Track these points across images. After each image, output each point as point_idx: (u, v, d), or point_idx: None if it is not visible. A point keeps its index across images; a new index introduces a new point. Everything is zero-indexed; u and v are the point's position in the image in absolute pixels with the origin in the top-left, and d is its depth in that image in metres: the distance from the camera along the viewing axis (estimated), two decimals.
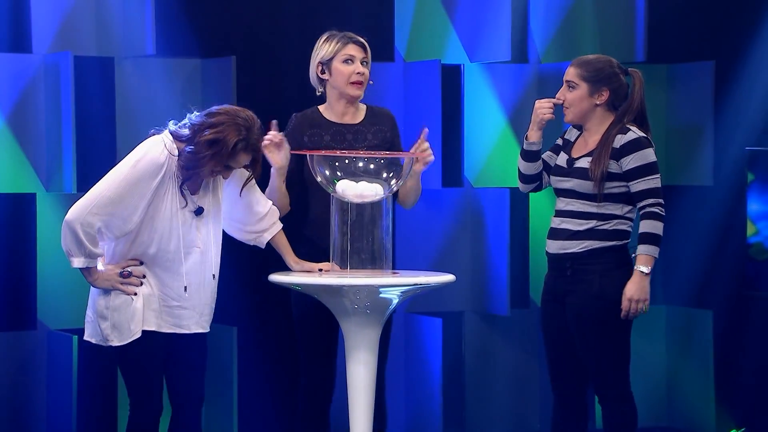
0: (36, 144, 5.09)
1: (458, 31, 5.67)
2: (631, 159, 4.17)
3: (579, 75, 4.25)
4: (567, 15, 5.71)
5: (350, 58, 4.24)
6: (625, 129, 4.21)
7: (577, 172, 4.23)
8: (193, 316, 3.94)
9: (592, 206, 4.21)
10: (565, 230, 4.24)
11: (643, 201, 4.18)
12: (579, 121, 4.28)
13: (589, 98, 4.23)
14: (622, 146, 4.18)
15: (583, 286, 4.18)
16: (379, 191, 4.01)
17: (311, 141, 4.25)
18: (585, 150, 4.26)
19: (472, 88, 5.62)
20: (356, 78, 4.24)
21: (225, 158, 3.82)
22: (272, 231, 4.12)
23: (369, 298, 4.00)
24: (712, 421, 5.74)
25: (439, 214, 5.62)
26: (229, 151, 3.81)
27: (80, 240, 3.82)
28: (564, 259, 4.22)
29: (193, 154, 3.81)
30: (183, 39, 5.27)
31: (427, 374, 5.48)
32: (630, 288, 4.16)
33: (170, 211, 3.87)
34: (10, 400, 5.14)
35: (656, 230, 4.17)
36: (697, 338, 5.80)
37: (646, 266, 4.17)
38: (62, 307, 5.12)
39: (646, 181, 4.17)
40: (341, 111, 4.31)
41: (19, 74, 5.05)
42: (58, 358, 5.05)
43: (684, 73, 5.78)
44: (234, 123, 3.82)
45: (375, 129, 4.33)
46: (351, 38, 4.27)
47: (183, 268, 3.90)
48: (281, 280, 4.06)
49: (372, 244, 4.03)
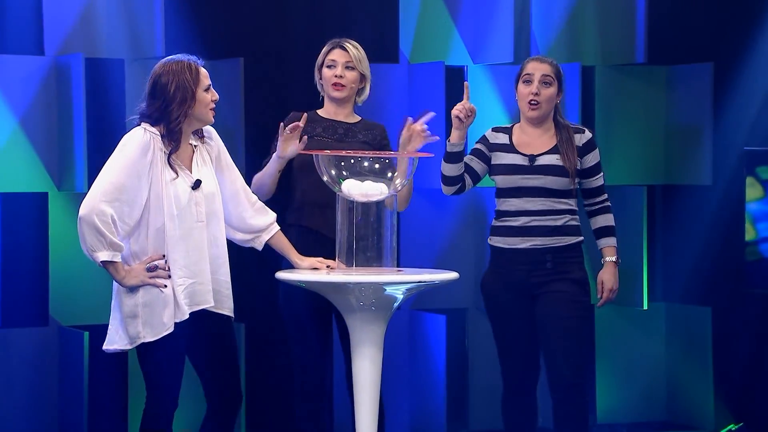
0: (48, 144, 5.15)
1: (462, 33, 5.72)
2: (591, 156, 4.42)
3: (553, 72, 4.41)
4: (568, 17, 5.74)
5: (332, 63, 4.42)
6: (579, 128, 4.44)
7: (547, 169, 4.35)
8: (209, 291, 3.96)
9: (560, 203, 4.35)
10: (542, 227, 4.35)
11: (601, 196, 4.48)
12: (543, 118, 4.41)
13: (556, 96, 4.43)
14: (583, 145, 4.41)
15: (567, 274, 4.33)
16: (384, 190, 4.07)
17: (305, 130, 4.35)
18: (544, 147, 4.39)
19: (476, 90, 5.64)
20: (335, 80, 4.40)
21: (190, 84, 3.89)
22: (270, 231, 4.18)
23: (374, 296, 4.03)
24: (711, 417, 5.77)
25: (443, 212, 5.66)
26: (188, 75, 3.90)
27: (100, 230, 3.83)
28: (543, 253, 4.34)
29: (163, 106, 3.88)
30: (191, 41, 5.31)
31: (431, 370, 5.51)
32: (608, 279, 4.41)
33: (169, 188, 3.91)
34: (22, 396, 5.18)
35: (613, 223, 4.49)
36: (696, 335, 5.83)
37: (617, 256, 4.43)
38: (74, 304, 5.16)
39: (601, 177, 4.47)
40: (333, 112, 4.47)
41: (32, 76, 5.10)
42: (70, 355, 5.09)
43: (683, 74, 5.82)
44: (170, 61, 3.94)
45: (366, 131, 4.48)
46: (337, 43, 4.45)
47: (188, 242, 3.93)
48: (289, 277, 4.11)
49: (377, 242, 4.08)
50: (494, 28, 5.59)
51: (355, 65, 4.42)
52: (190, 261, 3.94)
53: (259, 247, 4.19)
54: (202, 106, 3.94)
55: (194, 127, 4.00)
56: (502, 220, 4.41)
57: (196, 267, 3.95)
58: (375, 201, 4.07)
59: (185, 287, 3.92)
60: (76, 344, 5.02)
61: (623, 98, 5.81)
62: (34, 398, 5.21)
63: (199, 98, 3.93)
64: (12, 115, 5.10)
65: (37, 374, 5.21)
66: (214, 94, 3.99)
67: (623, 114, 5.82)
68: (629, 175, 5.82)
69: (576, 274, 4.36)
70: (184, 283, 3.93)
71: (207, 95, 3.95)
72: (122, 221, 3.88)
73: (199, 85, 3.93)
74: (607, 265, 4.43)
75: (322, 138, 4.39)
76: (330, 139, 4.39)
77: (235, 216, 4.14)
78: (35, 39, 5.18)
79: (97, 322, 5.14)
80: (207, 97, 3.95)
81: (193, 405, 4.40)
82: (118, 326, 3.97)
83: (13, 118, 5.10)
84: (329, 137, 4.40)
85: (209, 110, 3.97)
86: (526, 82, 4.39)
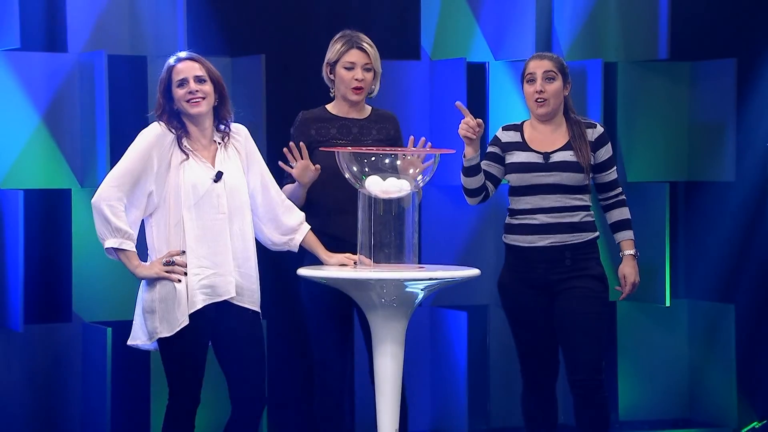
0: (71, 141, 5.18)
1: (483, 30, 5.72)
2: (603, 151, 4.40)
3: (556, 67, 4.38)
4: (591, 13, 5.73)
5: (351, 65, 4.35)
6: (591, 123, 4.42)
7: (561, 165, 4.33)
8: (230, 283, 3.98)
9: (576, 199, 4.34)
10: (560, 224, 4.33)
11: (616, 190, 4.45)
12: (552, 114, 4.39)
13: (563, 90, 4.40)
14: (596, 139, 4.39)
15: (586, 271, 4.32)
16: (404, 187, 4.07)
17: (318, 134, 4.35)
18: (557, 144, 4.37)
19: (497, 86, 5.66)
20: (355, 84, 4.35)
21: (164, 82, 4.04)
22: (303, 231, 4.20)
23: (396, 292, 4.04)
24: (734, 414, 5.76)
25: (464, 209, 5.65)
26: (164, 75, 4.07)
27: (106, 217, 3.92)
28: (562, 250, 4.33)
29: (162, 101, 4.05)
30: (213, 38, 5.33)
31: (453, 367, 5.51)
32: (630, 272, 4.41)
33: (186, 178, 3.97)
34: (45, 391, 5.22)
35: (629, 215, 4.47)
36: (720, 332, 5.81)
37: (635, 249, 4.43)
38: (97, 300, 5.19)
39: (615, 171, 4.44)
40: (345, 110, 4.43)
41: (55, 73, 5.13)
42: (93, 350, 5.12)
43: (707, 70, 5.80)
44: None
45: (379, 126, 4.44)
46: (355, 42, 4.36)
47: (207, 233, 3.96)
48: (311, 274, 4.12)
49: (398, 239, 4.08)
50: (516, 24, 5.58)
51: (372, 65, 4.38)
52: (210, 252, 3.97)
53: (294, 248, 4.23)
54: (179, 102, 4.05)
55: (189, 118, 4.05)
56: (517, 218, 4.40)
57: (216, 258, 3.97)
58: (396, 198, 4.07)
59: (203, 277, 3.95)
60: (99, 340, 5.05)
61: (646, 95, 5.80)
62: (57, 394, 5.24)
63: (174, 94, 4.05)
64: (35, 112, 5.13)
65: (60, 370, 5.24)
66: (189, 87, 4.04)
67: (646, 110, 5.80)
68: (652, 171, 5.81)
69: (595, 270, 4.35)
70: (202, 273, 3.95)
71: (179, 90, 4.05)
72: (134, 206, 3.95)
73: (172, 82, 4.05)
74: (626, 259, 4.43)
75: (338, 141, 4.37)
76: (345, 140, 4.37)
77: (269, 213, 4.16)
78: (59, 36, 5.21)
79: (120, 318, 5.18)
80: (179, 91, 4.05)
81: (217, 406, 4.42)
82: (140, 321, 4.02)
83: (36, 115, 5.14)
84: (344, 138, 4.38)
85: (184, 103, 4.05)
86: (530, 81, 4.38)
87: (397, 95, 5.36)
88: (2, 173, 5.08)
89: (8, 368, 5.16)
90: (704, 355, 5.90)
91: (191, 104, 4.03)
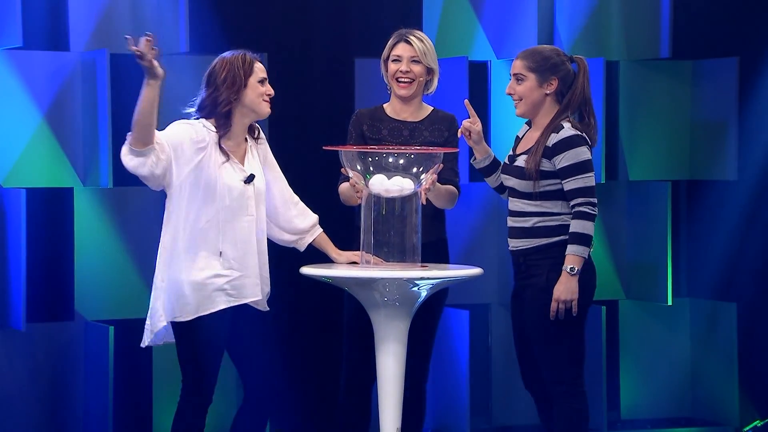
0: (73, 140, 5.18)
1: (485, 29, 5.72)
2: (562, 157, 4.10)
3: (526, 66, 4.19)
4: (593, 12, 5.73)
5: (398, 57, 4.35)
6: (558, 126, 4.13)
7: (515, 170, 4.21)
8: (255, 285, 4.02)
9: (529, 204, 4.17)
10: (515, 228, 4.22)
11: (574, 200, 4.10)
12: (530, 113, 4.22)
13: (538, 88, 4.17)
14: (554, 145, 4.11)
15: (533, 280, 4.15)
16: (406, 186, 4.06)
17: (370, 131, 4.35)
18: (525, 147, 4.23)
19: (499, 85, 5.64)
20: (399, 76, 4.34)
21: (240, 70, 3.98)
22: (314, 233, 4.22)
23: (398, 291, 4.05)
24: (736, 413, 5.76)
25: (466, 208, 5.66)
26: (239, 64, 3.99)
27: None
28: (518, 255, 4.21)
29: (214, 94, 3.99)
30: (215, 36, 5.33)
31: (455, 365, 5.51)
32: (557, 288, 4.08)
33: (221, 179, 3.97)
34: (47, 390, 5.22)
35: (585, 230, 4.09)
36: (721, 331, 5.81)
37: (573, 266, 4.08)
38: (99, 299, 5.20)
39: (576, 180, 4.09)
40: (399, 108, 4.41)
41: (57, 72, 5.14)
42: (95, 349, 5.12)
43: (709, 69, 5.80)
44: (227, 54, 4.06)
45: (432, 128, 4.41)
46: (403, 36, 4.36)
47: (237, 235, 3.98)
48: (313, 272, 4.13)
49: (401, 238, 4.09)
50: (518, 22, 5.59)
51: (420, 59, 4.35)
52: (238, 254, 3.99)
53: (301, 248, 4.25)
54: (254, 94, 4.02)
55: (248, 117, 4.05)
56: None
57: (244, 260, 4.00)
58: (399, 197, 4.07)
59: (231, 279, 3.97)
60: (102, 339, 5.06)
61: (648, 93, 5.80)
62: (60, 392, 5.25)
63: (250, 86, 4.01)
64: (38, 111, 5.14)
65: (63, 369, 5.24)
66: (269, 89, 4.06)
67: (648, 109, 5.80)
68: (654, 170, 5.81)
69: (541, 280, 4.13)
70: (231, 275, 3.97)
71: (260, 87, 4.03)
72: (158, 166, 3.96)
73: (252, 75, 4.02)
74: (561, 275, 4.10)
75: (387, 142, 4.36)
76: (394, 143, 4.35)
77: (282, 215, 4.19)
78: (61, 35, 5.22)
79: (122, 317, 5.19)
80: (260, 88, 4.03)
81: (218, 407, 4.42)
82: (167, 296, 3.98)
83: (38, 114, 5.14)
84: (394, 141, 4.36)
85: (261, 101, 4.03)
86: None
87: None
88: (5, 172, 5.09)
89: (11, 367, 5.17)
90: (706, 354, 5.91)
91: (267, 105, 4.05)
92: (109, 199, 5.24)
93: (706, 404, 5.91)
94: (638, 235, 5.65)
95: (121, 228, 5.25)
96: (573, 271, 4.08)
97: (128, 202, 5.26)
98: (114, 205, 5.25)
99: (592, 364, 4.42)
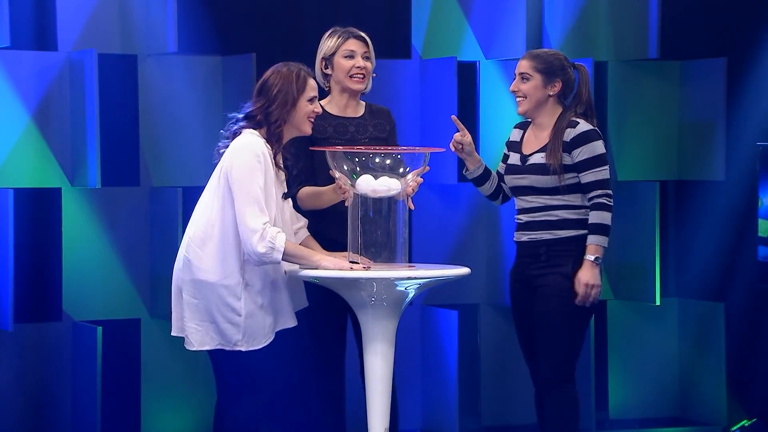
0: (61, 140, 5.17)
1: (474, 29, 5.72)
2: (580, 151, 4.28)
3: (533, 67, 4.34)
4: (581, 12, 5.74)
5: (351, 53, 4.35)
6: (573, 122, 4.31)
7: (533, 168, 4.32)
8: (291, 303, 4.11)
9: (554, 199, 4.30)
10: (535, 222, 4.32)
11: (592, 192, 4.29)
12: (532, 113, 4.36)
13: (543, 89, 4.33)
14: (572, 139, 4.29)
15: (557, 268, 4.28)
16: (392, 186, 4.06)
17: (317, 132, 4.32)
18: (537, 146, 4.35)
19: (488, 85, 5.66)
20: (356, 71, 4.35)
21: (293, 89, 3.98)
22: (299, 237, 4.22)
23: (386, 291, 4.05)
24: (724, 413, 5.77)
25: (454, 208, 5.67)
26: (294, 80, 4.00)
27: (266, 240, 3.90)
28: (539, 245, 4.31)
29: (265, 106, 3.98)
30: (204, 37, 5.33)
31: (443, 365, 5.52)
32: (584, 274, 4.25)
33: (275, 194, 4.02)
34: (35, 391, 5.21)
35: (604, 220, 4.27)
36: (710, 331, 5.82)
37: (595, 255, 4.26)
38: (87, 299, 5.19)
39: (594, 172, 4.28)
40: (344, 105, 4.42)
41: (45, 71, 5.13)
42: (83, 349, 5.12)
43: (696, 69, 5.82)
44: (283, 65, 4.06)
45: (375, 122, 4.44)
46: (352, 33, 4.38)
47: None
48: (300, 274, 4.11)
49: (389, 238, 4.09)
50: (506, 23, 5.59)
51: (370, 56, 4.39)
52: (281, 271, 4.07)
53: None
54: (302, 114, 4.04)
55: (292, 134, 4.08)
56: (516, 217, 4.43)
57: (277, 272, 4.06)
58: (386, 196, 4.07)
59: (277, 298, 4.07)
60: (90, 339, 5.05)
61: (636, 94, 5.81)
62: (47, 393, 5.24)
63: (300, 106, 4.03)
64: (25, 111, 5.13)
65: (50, 369, 5.24)
66: (317, 106, 4.08)
67: (636, 109, 5.81)
68: (642, 170, 5.82)
69: (566, 267, 4.28)
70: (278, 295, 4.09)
71: (309, 105, 4.04)
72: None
73: (303, 94, 4.03)
74: (584, 263, 4.27)
75: (335, 140, 4.36)
76: (341, 140, 4.36)
77: None
78: (49, 35, 5.21)
79: (110, 317, 5.19)
80: (309, 107, 4.04)
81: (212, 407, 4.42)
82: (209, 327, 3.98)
83: (26, 114, 5.13)
84: (340, 137, 4.37)
85: (307, 120, 4.06)
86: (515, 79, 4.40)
87: (387, 94, 5.36)
88: None
89: None
90: (694, 354, 5.92)
91: (311, 124, 4.07)
92: (97, 199, 5.23)
93: (694, 404, 5.92)
94: (626, 235, 5.66)
95: (110, 228, 5.25)
96: (597, 260, 4.26)
97: (116, 202, 5.26)
98: (102, 205, 5.25)
99: (580, 364, 4.43)
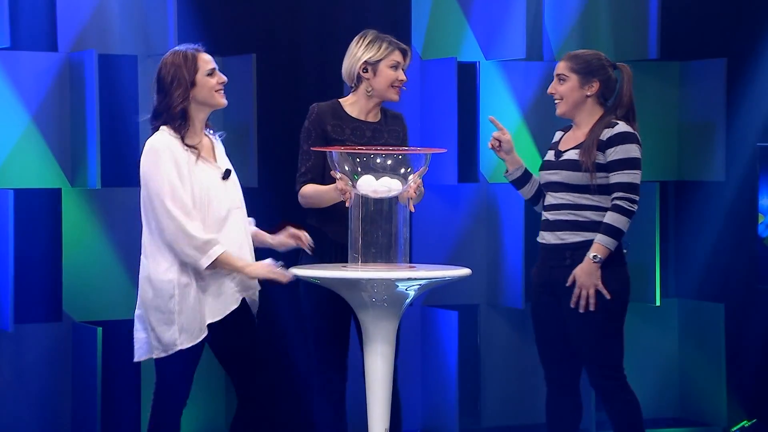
0: (61, 140, 5.17)
1: (474, 30, 5.73)
2: (614, 151, 4.27)
3: (569, 68, 4.35)
4: (581, 13, 5.74)
5: (396, 64, 4.38)
6: (613, 123, 4.30)
7: (565, 164, 4.31)
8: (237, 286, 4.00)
9: (583, 198, 4.29)
10: (562, 221, 4.30)
11: (615, 193, 4.26)
12: (570, 113, 4.36)
13: (580, 89, 4.33)
14: (608, 138, 4.27)
15: None
16: (393, 187, 4.06)
17: (334, 132, 4.34)
18: (573, 143, 4.34)
19: (488, 85, 5.67)
20: (399, 84, 4.39)
21: (184, 70, 3.89)
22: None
23: (386, 292, 4.04)
24: (724, 413, 5.77)
25: (455, 209, 5.67)
26: (183, 63, 3.90)
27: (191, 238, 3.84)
28: (563, 249, 4.29)
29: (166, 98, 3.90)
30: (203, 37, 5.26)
31: (443, 366, 5.52)
32: (578, 273, 4.23)
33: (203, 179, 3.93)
34: (36, 391, 5.21)
35: (617, 224, 4.25)
36: (709, 331, 5.83)
37: (598, 254, 4.22)
38: (87, 300, 5.19)
39: (622, 174, 4.26)
40: (366, 109, 4.42)
41: (45, 72, 5.13)
42: (83, 350, 5.12)
43: (696, 70, 5.82)
44: (168, 55, 3.96)
45: (390, 129, 4.45)
46: (398, 45, 4.41)
47: (230, 230, 3.95)
48: (303, 273, 4.11)
49: (389, 238, 4.09)
50: (507, 23, 5.59)
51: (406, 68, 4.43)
52: (235, 248, 3.96)
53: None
54: (206, 90, 3.95)
55: (204, 112, 3.99)
56: (542, 214, 4.42)
57: (240, 253, 3.98)
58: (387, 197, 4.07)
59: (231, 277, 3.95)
60: (90, 340, 5.05)
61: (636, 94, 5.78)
62: (48, 394, 5.24)
63: (200, 82, 3.93)
64: (25, 112, 5.13)
65: (51, 370, 5.24)
66: (220, 77, 3.99)
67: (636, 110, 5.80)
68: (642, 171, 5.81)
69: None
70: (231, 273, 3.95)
71: (210, 79, 3.96)
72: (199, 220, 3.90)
73: (199, 71, 3.94)
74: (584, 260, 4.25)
75: (350, 143, 4.35)
76: (358, 143, 4.36)
77: None
78: (48, 35, 5.21)
79: (110, 318, 5.19)
80: (210, 80, 3.95)
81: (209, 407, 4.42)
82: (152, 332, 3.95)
83: (26, 115, 5.13)
84: (357, 141, 4.37)
85: (214, 93, 3.97)
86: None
87: None
88: None
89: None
90: (694, 354, 5.92)
91: (222, 95, 3.98)
92: (97, 199, 5.23)
93: (694, 404, 5.92)
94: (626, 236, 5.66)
95: (110, 229, 5.24)
96: (596, 259, 4.21)
97: (116, 203, 5.25)
98: (102, 206, 5.25)
99: None
